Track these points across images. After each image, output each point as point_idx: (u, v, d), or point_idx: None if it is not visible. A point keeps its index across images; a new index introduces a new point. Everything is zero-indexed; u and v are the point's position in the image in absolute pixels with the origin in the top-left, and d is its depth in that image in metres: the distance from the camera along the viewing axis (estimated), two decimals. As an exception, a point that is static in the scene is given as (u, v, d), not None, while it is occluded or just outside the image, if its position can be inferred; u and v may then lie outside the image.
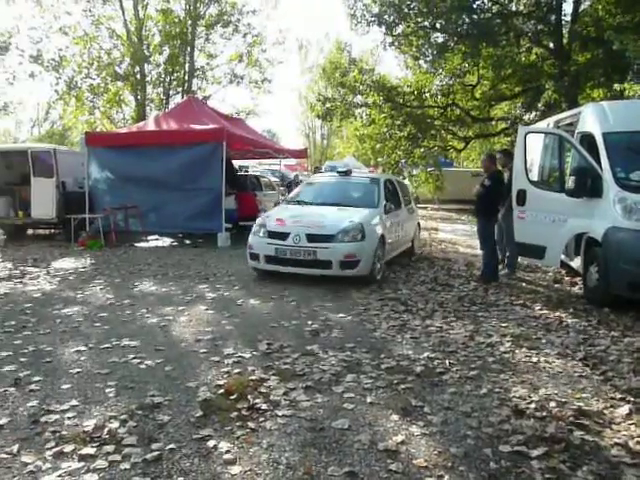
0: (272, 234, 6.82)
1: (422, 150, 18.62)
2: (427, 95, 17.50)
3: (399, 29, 16.42)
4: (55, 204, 10.98)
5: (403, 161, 19.31)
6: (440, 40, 16.08)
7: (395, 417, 3.17)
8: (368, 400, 3.39)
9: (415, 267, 8.38)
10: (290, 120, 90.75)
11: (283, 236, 6.69)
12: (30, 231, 12.80)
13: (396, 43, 17.14)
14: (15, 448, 2.75)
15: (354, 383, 3.65)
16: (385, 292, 6.52)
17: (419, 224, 10.06)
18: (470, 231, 12.53)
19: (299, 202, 8.01)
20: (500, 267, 7.65)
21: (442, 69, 17.25)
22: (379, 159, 20.02)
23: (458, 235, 13.04)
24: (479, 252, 7.98)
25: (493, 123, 20.18)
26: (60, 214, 10.95)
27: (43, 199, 11.01)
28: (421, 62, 18.23)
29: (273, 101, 61.49)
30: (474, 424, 3.08)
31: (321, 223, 6.75)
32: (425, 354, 4.26)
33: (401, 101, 17.45)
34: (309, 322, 5.12)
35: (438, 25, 15.57)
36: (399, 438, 2.91)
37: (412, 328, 5.02)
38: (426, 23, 15.81)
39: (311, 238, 6.53)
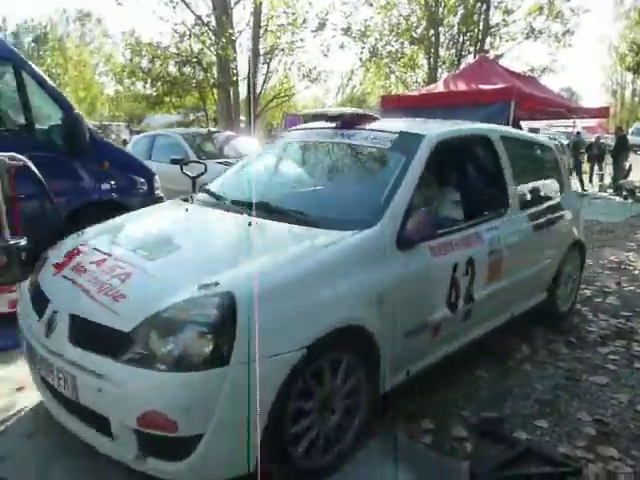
0: (37, 295, 2.45)
1: None
2: None
3: None
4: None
5: None
6: None
7: (664, 387, 3.04)
8: (635, 365, 3.30)
9: None
10: (595, 76, 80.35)
11: (40, 307, 2.32)
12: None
13: None
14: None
15: (622, 348, 3.56)
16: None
17: (581, 244, 4.16)
18: None
19: (217, 196, 3.10)
20: None
21: None
22: None
23: None
24: None
25: None
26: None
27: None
28: None
29: (575, 55, 55.01)
30: None
31: (122, 285, 2.10)
32: None
33: None
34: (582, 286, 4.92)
35: None
36: (663, 406, 2.82)
37: None
38: None
39: (78, 333, 2.04)
